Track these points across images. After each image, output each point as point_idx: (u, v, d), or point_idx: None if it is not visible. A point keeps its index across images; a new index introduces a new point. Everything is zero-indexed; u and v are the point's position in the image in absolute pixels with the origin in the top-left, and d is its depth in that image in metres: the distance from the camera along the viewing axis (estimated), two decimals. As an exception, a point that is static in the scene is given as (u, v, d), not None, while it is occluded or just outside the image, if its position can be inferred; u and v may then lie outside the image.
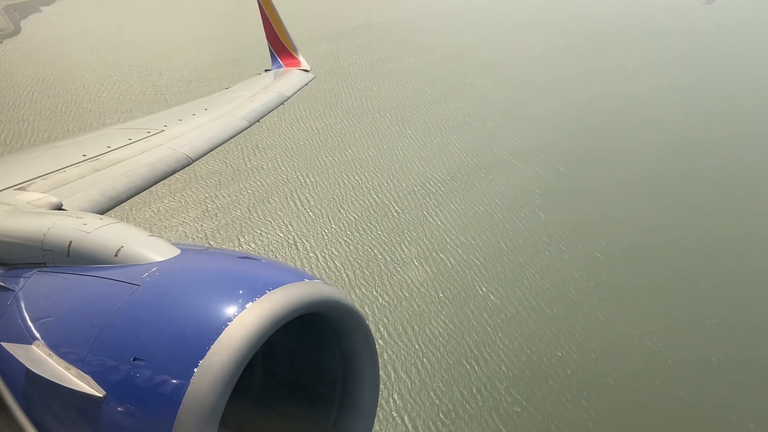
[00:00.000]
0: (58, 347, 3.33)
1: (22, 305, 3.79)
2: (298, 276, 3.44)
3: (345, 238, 38.84)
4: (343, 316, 3.61)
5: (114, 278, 3.58)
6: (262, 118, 11.31)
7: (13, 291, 3.93)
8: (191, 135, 9.11)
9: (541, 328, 32.69)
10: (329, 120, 52.31)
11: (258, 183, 43.24)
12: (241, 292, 3.19)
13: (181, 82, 57.31)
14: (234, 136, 10.03)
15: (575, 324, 33.38)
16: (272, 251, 37.09)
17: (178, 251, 3.74)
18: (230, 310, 3.07)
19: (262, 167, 45.38)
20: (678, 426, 27.46)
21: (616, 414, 27.83)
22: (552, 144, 51.33)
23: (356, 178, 45.52)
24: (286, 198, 42.48)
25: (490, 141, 51.58)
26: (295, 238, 38.35)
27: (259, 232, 38.72)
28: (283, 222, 39.91)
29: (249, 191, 42.24)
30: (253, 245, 37.48)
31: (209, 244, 37.57)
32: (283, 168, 45.47)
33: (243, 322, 3.01)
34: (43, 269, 4.07)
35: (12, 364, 3.34)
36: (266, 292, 3.18)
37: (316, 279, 3.50)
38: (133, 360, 3.03)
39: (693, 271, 37.69)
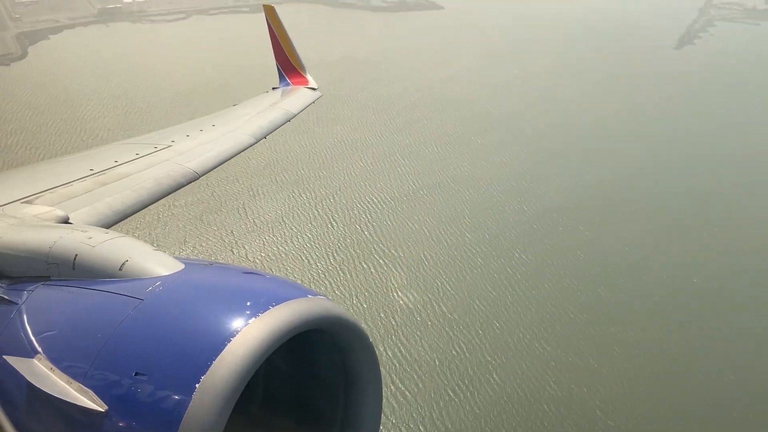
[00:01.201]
0: (60, 361, 3.31)
1: (25, 318, 3.77)
2: (301, 292, 3.43)
3: (282, 246, 43.13)
4: (346, 332, 3.57)
5: (118, 292, 3.57)
6: (269, 134, 11.40)
7: (17, 304, 3.92)
8: (198, 150, 9.20)
9: (443, 330, 36.48)
10: (291, 144, 56.93)
11: (209, 195, 47.70)
12: (244, 307, 3.19)
13: (162, 107, 62.66)
14: (240, 151, 10.13)
15: (473, 328, 37.14)
16: (213, 255, 41.44)
17: (182, 266, 3.76)
18: (233, 325, 3.06)
19: (218, 182, 49.99)
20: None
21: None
22: (491, 171, 55.53)
23: (304, 194, 49.99)
24: (237, 209, 47.01)
25: (436, 167, 55.91)
26: (234, 244, 42.68)
27: (205, 237, 43.15)
28: (229, 230, 44.37)
29: (201, 203, 46.70)
30: (197, 249, 41.85)
31: (213, 259, 41.95)
32: (238, 183, 49.97)
33: (246, 337, 3.00)
34: (48, 282, 4.07)
35: (14, 378, 3.31)
36: (269, 308, 3.17)
37: (320, 295, 3.48)
38: (135, 375, 3.02)
39: (595, 281, 41.48)
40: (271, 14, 14.64)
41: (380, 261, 42.75)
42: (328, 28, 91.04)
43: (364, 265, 41.99)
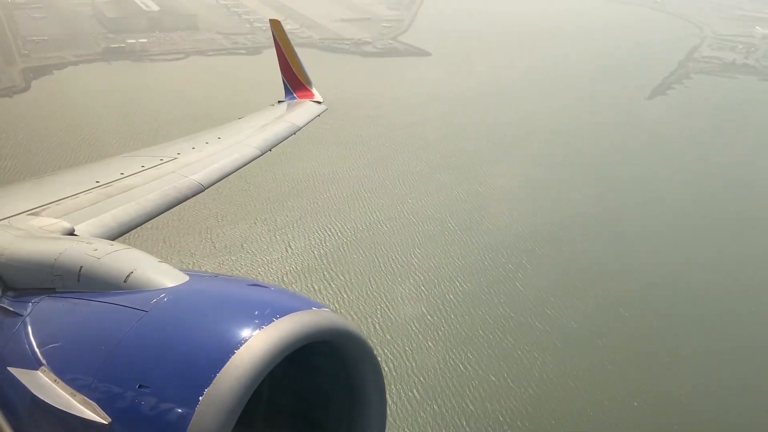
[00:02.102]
0: (64, 373, 3.32)
1: (30, 330, 3.80)
2: (305, 304, 3.43)
3: (239, 269, 46.34)
4: (350, 344, 3.57)
5: (122, 304, 3.58)
6: (274, 147, 11.41)
7: (22, 316, 3.96)
8: (203, 163, 9.25)
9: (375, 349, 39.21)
10: (264, 175, 60.41)
11: (176, 219, 51.08)
12: (248, 319, 3.20)
13: (149, 140, 66.73)
14: (246, 164, 10.15)
15: (403, 349, 39.89)
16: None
17: (187, 278, 3.78)
18: (237, 337, 3.07)
19: (191, 206, 53.48)
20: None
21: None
22: (446, 207, 58.89)
23: (269, 221, 53.44)
24: (200, 233, 50.45)
25: (397, 201, 59.32)
26: (194, 265, 45.89)
27: (168, 260, 46.47)
28: (191, 252, 47.67)
29: (168, 226, 50.06)
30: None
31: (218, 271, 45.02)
32: (206, 209, 53.30)
33: (250, 350, 3.00)
34: (52, 294, 4.09)
35: (18, 390, 3.34)
36: (273, 320, 3.18)
37: (324, 307, 3.47)
38: (139, 387, 3.03)
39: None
40: (277, 29, 14.79)
41: (326, 284, 45.79)
42: (318, 72, 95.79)
43: (314, 287, 45.04)
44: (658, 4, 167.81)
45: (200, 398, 2.88)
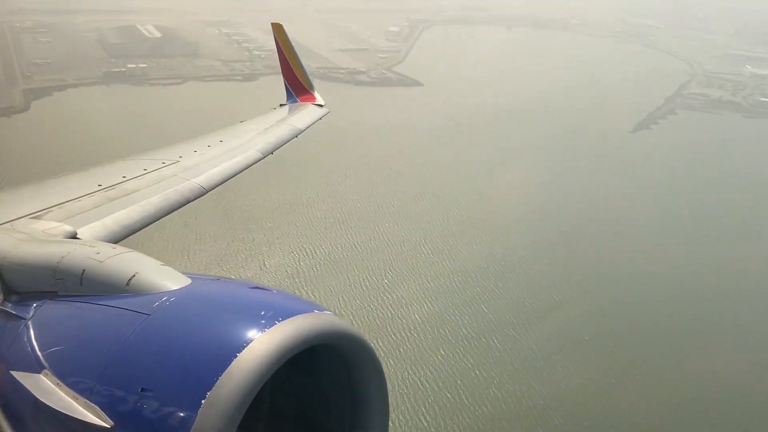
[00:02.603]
0: (66, 377, 3.33)
1: (33, 334, 3.81)
2: (308, 307, 3.45)
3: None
4: (353, 347, 3.56)
5: (124, 307, 3.60)
6: (276, 150, 11.46)
7: (24, 319, 3.96)
8: (205, 166, 9.29)
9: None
10: (242, 198, 62.22)
11: (158, 236, 52.81)
12: (250, 322, 3.20)
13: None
14: (248, 167, 10.20)
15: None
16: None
17: (189, 281, 3.80)
18: (239, 340, 3.08)
19: (173, 222, 55.22)
20: None
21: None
22: (420, 233, 60.65)
23: (246, 240, 55.15)
24: (181, 251, 52.11)
25: (372, 226, 61.16)
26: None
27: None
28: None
29: (150, 242, 51.73)
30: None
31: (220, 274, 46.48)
32: (187, 228, 54.98)
33: (252, 353, 3.01)
34: (55, 298, 4.11)
35: (21, 393, 3.35)
36: (276, 323, 3.19)
37: (326, 311, 3.48)
38: (141, 391, 3.04)
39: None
40: (279, 32, 14.84)
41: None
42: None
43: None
44: (651, 42, 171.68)
45: (202, 401, 2.89)
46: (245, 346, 3.04)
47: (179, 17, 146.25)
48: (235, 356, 3.00)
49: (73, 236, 5.74)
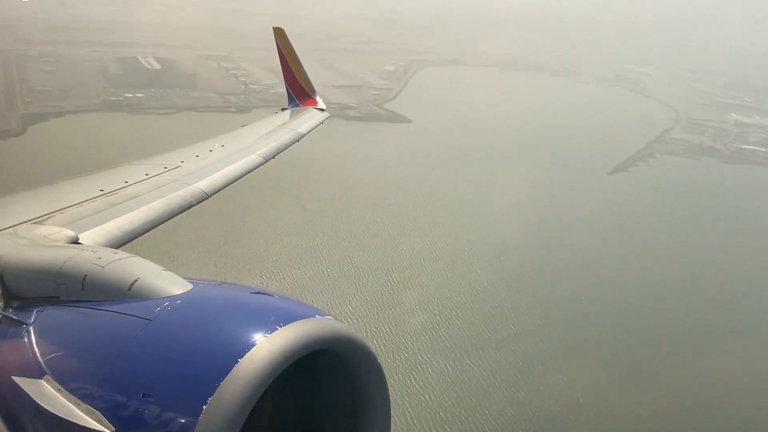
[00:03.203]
0: (68, 382, 3.33)
1: (34, 339, 3.81)
2: (309, 312, 3.45)
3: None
4: (354, 352, 3.56)
5: (126, 312, 3.59)
6: (278, 154, 11.49)
7: (26, 324, 3.97)
8: (207, 170, 9.30)
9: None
10: (219, 226, 64.44)
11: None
12: (252, 327, 3.20)
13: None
14: (249, 171, 10.23)
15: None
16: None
17: (191, 286, 3.79)
18: (241, 345, 3.08)
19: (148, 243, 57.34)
20: None
21: None
22: (392, 263, 62.71)
23: (219, 264, 57.14)
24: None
25: (345, 257, 63.17)
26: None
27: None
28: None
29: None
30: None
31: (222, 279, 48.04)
32: (158, 249, 56.97)
33: (253, 358, 3.01)
34: (57, 303, 4.11)
35: (23, 399, 3.34)
36: (277, 328, 3.18)
37: (327, 315, 3.49)
38: (143, 396, 3.04)
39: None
40: (280, 37, 14.94)
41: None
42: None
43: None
44: (640, 88, 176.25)
45: (204, 407, 2.89)
46: (247, 351, 3.04)
47: (182, 51, 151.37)
48: (237, 361, 3.00)
49: (75, 241, 5.75)
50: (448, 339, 50.51)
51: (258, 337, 3.13)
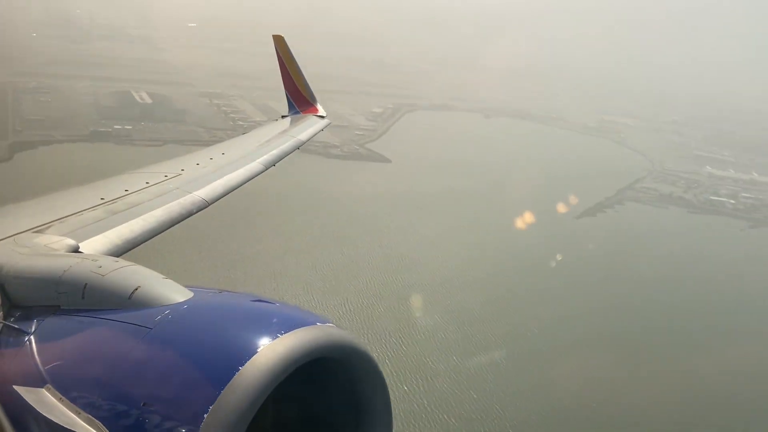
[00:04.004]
0: (69, 391, 3.34)
1: (35, 348, 3.84)
2: (310, 320, 3.46)
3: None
4: (356, 360, 3.56)
5: (127, 321, 3.61)
6: (278, 162, 11.49)
7: (27, 333, 3.99)
8: (208, 178, 9.34)
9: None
10: (188, 255, 67.27)
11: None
12: (253, 335, 3.21)
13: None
14: (250, 179, 10.27)
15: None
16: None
17: (191, 294, 3.81)
18: (242, 354, 3.08)
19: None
20: None
21: None
22: (354, 295, 65.27)
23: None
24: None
25: (307, 287, 65.80)
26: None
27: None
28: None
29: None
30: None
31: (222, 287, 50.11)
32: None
33: (254, 366, 3.02)
34: (57, 312, 4.13)
35: (24, 408, 3.34)
36: (278, 336, 3.19)
37: (329, 323, 3.50)
38: (144, 405, 3.04)
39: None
40: (280, 44, 15.01)
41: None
42: (277, 170, 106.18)
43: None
44: (620, 138, 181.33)
45: (205, 416, 2.90)
46: (247, 360, 3.06)
47: (177, 87, 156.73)
48: (238, 370, 3.02)
49: (76, 250, 5.76)
50: (392, 369, 52.63)
51: (259, 345, 3.14)
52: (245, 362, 3.06)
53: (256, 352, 3.11)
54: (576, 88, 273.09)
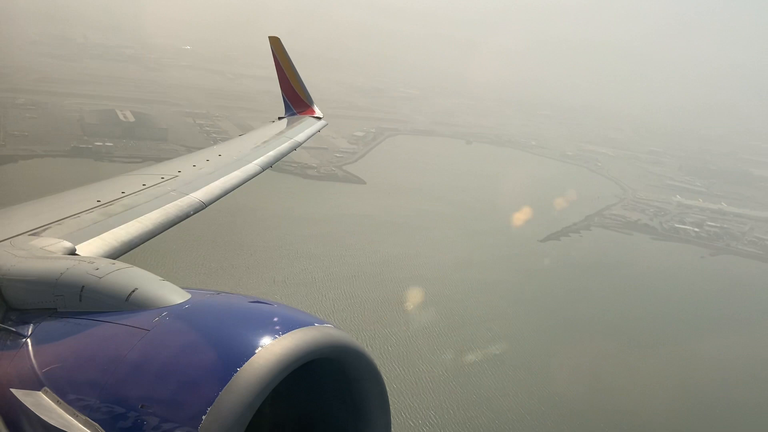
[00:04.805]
0: (66, 394, 3.34)
1: (32, 351, 3.82)
2: (308, 320, 3.47)
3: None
4: (354, 360, 3.57)
5: (124, 323, 3.61)
6: (275, 163, 11.45)
7: (24, 336, 3.99)
8: (204, 180, 9.38)
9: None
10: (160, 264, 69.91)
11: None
12: (250, 337, 3.22)
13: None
14: (247, 180, 10.26)
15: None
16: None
17: (189, 296, 3.83)
18: (240, 355, 3.08)
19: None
20: None
21: None
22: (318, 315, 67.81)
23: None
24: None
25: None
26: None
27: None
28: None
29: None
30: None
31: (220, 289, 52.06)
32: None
33: (252, 367, 3.02)
34: (54, 315, 4.12)
35: (21, 411, 3.33)
36: (277, 337, 3.20)
37: (327, 323, 3.51)
38: (142, 407, 3.04)
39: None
40: (276, 46, 15.01)
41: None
42: (250, 185, 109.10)
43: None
44: (597, 167, 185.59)
45: (203, 417, 2.90)
46: (246, 360, 3.08)
47: (162, 106, 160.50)
48: (236, 371, 3.04)
49: (72, 252, 5.74)
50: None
51: (257, 346, 3.17)
52: (243, 363, 3.06)
53: (255, 353, 3.12)
54: (561, 116, 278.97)
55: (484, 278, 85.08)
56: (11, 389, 3.49)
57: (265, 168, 11.15)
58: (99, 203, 7.68)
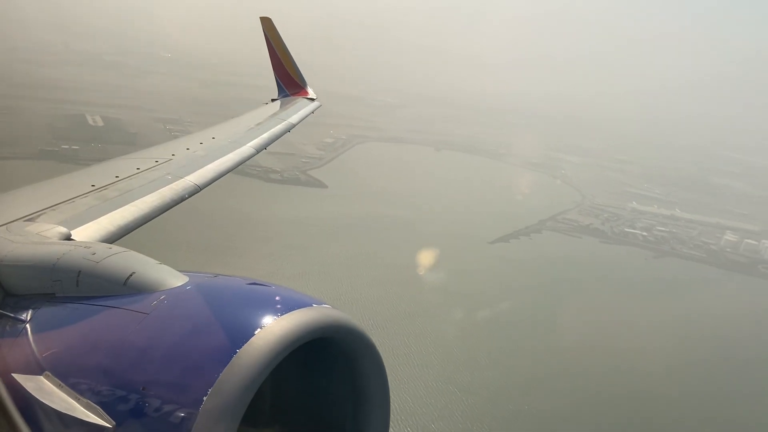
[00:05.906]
0: (67, 378, 3.36)
1: (32, 336, 3.83)
2: (307, 301, 3.52)
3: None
4: (352, 340, 3.61)
5: (122, 307, 3.63)
6: (269, 145, 11.67)
7: (23, 322, 4.00)
8: (199, 163, 9.37)
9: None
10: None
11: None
12: (249, 318, 3.26)
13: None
14: (241, 163, 10.41)
15: None
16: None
17: (186, 278, 3.87)
18: (239, 336, 3.12)
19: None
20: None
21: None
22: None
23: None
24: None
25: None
26: None
27: None
28: None
29: None
30: None
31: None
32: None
33: (252, 348, 3.05)
34: (53, 300, 4.14)
35: (23, 396, 3.33)
36: (275, 318, 3.24)
37: (325, 304, 3.57)
38: (143, 390, 3.08)
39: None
40: (268, 27, 14.93)
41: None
42: (211, 189, 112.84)
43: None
44: (560, 174, 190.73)
45: (204, 398, 2.94)
46: (245, 342, 3.12)
47: (134, 112, 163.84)
48: (236, 352, 3.07)
49: (68, 237, 5.73)
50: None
51: (257, 327, 3.21)
52: (243, 345, 3.11)
53: (254, 334, 3.18)
54: (540, 127, 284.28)
55: (427, 277, 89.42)
56: (12, 374, 3.49)
57: (259, 150, 11.28)
58: (93, 188, 7.68)
